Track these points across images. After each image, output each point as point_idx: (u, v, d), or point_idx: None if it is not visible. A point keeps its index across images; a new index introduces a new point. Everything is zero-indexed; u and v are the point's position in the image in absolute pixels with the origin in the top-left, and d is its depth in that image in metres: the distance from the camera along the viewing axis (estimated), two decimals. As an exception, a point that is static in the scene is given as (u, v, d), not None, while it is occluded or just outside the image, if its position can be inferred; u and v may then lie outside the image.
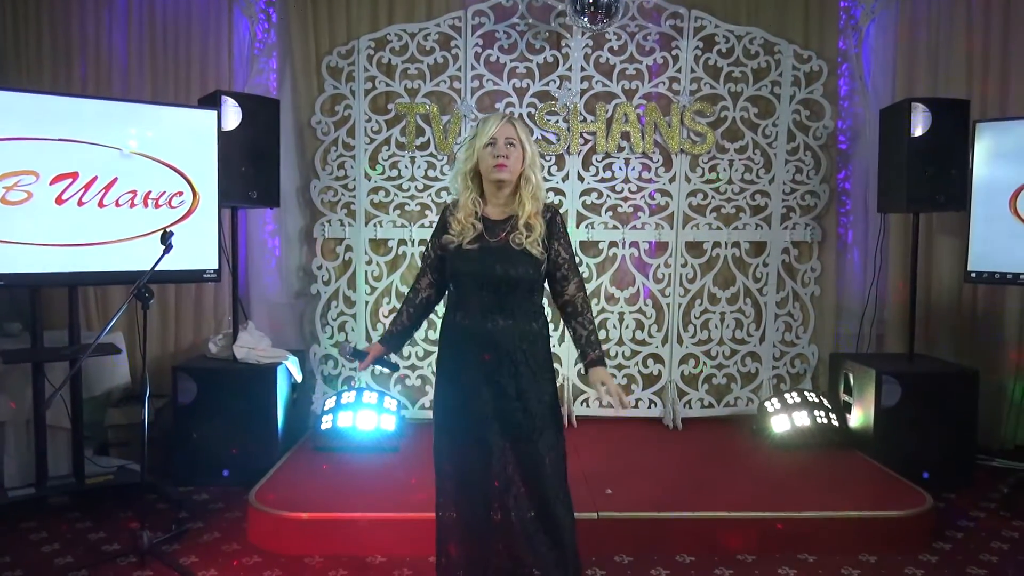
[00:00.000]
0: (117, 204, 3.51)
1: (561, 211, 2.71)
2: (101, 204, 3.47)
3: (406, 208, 4.57)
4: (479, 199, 2.49)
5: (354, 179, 4.55)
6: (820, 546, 3.18)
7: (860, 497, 3.42)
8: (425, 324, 4.46)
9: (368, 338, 4.61)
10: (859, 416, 4.20)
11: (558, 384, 4.44)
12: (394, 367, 2.72)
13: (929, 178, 3.98)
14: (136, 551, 3.04)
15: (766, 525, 3.22)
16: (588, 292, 2.71)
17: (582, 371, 2.65)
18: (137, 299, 2.99)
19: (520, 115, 4.44)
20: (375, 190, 4.56)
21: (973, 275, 4.02)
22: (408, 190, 4.55)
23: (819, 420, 4.20)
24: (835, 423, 4.24)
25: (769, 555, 3.14)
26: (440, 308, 2.63)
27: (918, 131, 3.98)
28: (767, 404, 4.37)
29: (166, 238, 3.06)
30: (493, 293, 2.43)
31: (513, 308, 2.45)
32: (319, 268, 4.61)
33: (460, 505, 2.53)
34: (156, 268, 3.03)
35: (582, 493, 3.27)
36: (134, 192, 3.54)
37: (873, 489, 3.54)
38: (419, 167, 4.53)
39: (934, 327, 4.61)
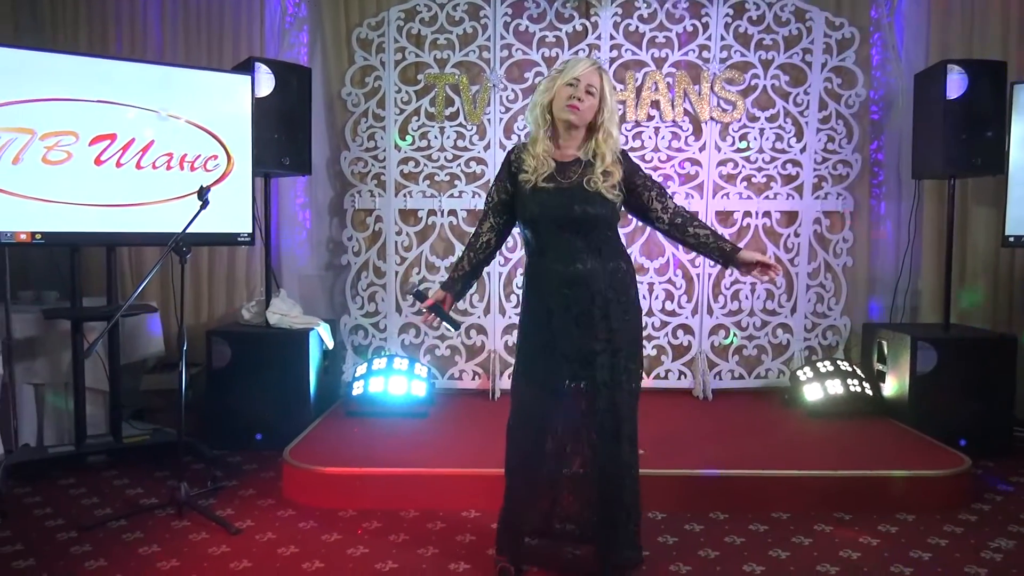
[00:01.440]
0: (154, 166, 3.56)
1: None
2: (139, 166, 3.52)
3: (436, 178, 4.58)
4: (553, 135, 2.49)
5: (384, 150, 4.57)
6: (856, 505, 3.15)
7: (896, 459, 3.38)
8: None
9: (398, 308, 4.63)
10: (893, 384, 4.15)
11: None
12: (455, 324, 2.63)
13: (965, 141, 3.92)
14: (174, 503, 3.08)
15: (800, 483, 3.19)
16: None
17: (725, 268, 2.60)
18: (175, 253, 3.03)
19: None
20: (405, 161, 4.58)
21: (1011, 239, 3.96)
22: (438, 160, 4.57)
23: (852, 388, 4.16)
24: (868, 392, 4.19)
25: (804, 513, 3.11)
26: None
27: (954, 93, 3.92)
28: (799, 373, 4.33)
29: (203, 193, 3.10)
30: (575, 233, 2.44)
31: (599, 247, 2.46)
32: (349, 239, 4.64)
33: (534, 452, 2.52)
34: (193, 229, 3.07)
35: (614, 452, 3.26)
36: (170, 155, 3.59)
37: (909, 452, 3.50)
38: (448, 137, 4.55)
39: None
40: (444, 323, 2.61)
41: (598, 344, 2.44)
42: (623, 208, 2.54)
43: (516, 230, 2.63)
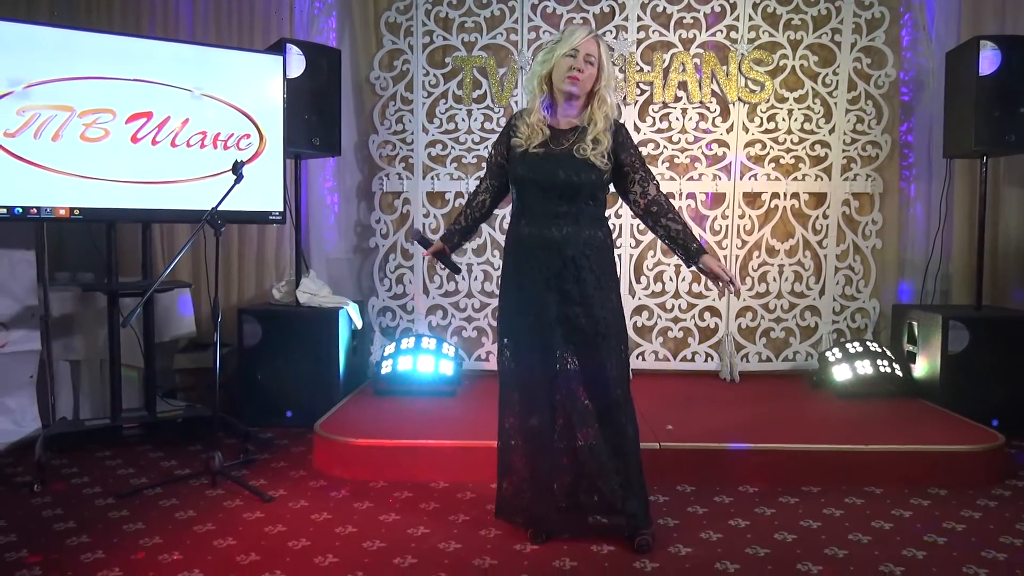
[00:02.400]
0: (188, 144, 3.62)
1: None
2: (173, 144, 3.58)
3: (463, 161, 4.61)
4: (551, 104, 2.54)
5: (412, 133, 4.61)
6: (888, 479, 3.13)
7: (928, 436, 3.36)
8: (481, 276, 4.57)
9: (425, 290, 4.66)
10: (924, 365, 4.11)
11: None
12: (456, 269, 2.84)
13: (998, 118, 3.87)
14: (208, 472, 3.13)
15: (832, 458, 3.17)
16: (643, 246, 2.72)
17: (689, 267, 2.64)
18: (209, 225, 3.08)
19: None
20: (432, 143, 4.61)
21: (1045, 217, 3.90)
22: (465, 143, 4.60)
23: (882, 369, 4.12)
24: (899, 373, 4.15)
25: (835, 487, 3.10)
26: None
27: (986, 70, 3.88)
28: (828, 354, 4.31)
29: (237, 168, 3.14)
30: (557, 199, 2.48)
31: (577, 214, 2.50)
32: (377, 222, 4.68)
33: (524, 416, 2.57)
34: (226, 207, 3.11)
35: (643, 428, 3.24)
36: (204, 133, 3.65)
37: (941, 430, 3.47)
38: (476, 120, 4.58)
39: (1002, 278, 4.48)
40: (447, 267, 2.78)
41: (571, 308, 2.48)
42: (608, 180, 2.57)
43: None
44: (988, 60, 3.88)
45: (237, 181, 3.15)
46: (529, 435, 2.58)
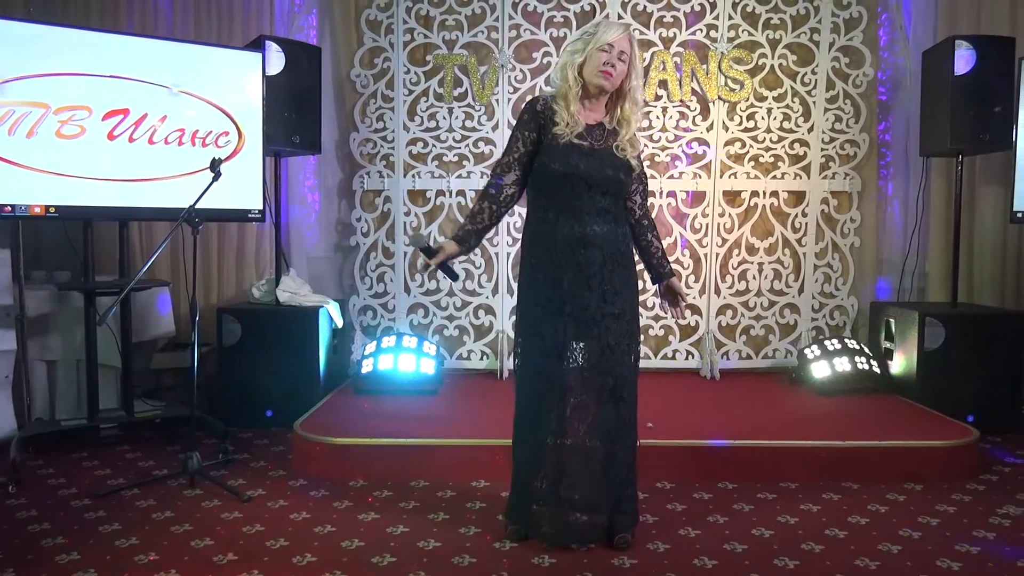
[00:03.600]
0: (166, 141, 3.59)
1: None
2: (151, 141, 3.55)
3: (444, 159, 4.60)
4: (584, 94, 2.49)
5: (393, 131, 4.59)
6: (865, 475, 3.16)
7: (904, 432, 3.40)
8: (463, 274, 4.56)
9: (406, 288, 4.65)
10: (901, 361, 4.15)
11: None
12: (455, 276, 2.65)
13: (973, 117, 3.93)
14: (185, 473, 3.10)
15: (809, 453, 3.20)
16: None
17: (655, 284, 2.75)
18: (187, 224, 3.05)
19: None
20: (413, 142, 4.60)
21: (1020, 215, 3.95)
22: (446, 141, 4.59)
23: (860, 366, 4.16)
24: (876, 369, 4.19)
25: (812, 483, 3.12)
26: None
27: (962, 70, 3.93)
28: (807, 351, 4.34)
29: (215, 165, 3.12)
30: (601, 195, 2.47)
31: (614, 212, 2.51)
32: (358, 220, 4.66)
33: (541, 418, 2.51)
34: (204, 204, 3.08)
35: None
36: (182, 130, 3.62)
37: (917, 425, 3.51)
38: (457, 118, 4.57)
39: (978, 275, 4.54)
40: (445, 275, 2.59)
41: (605, 307, 2.46)
42: None
43: None
44: (963, 60, 3.93)
45: (215, 179, 3.12)
46: (540, 431, 2.51)
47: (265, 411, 3.99)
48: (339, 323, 4.33)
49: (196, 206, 3.05)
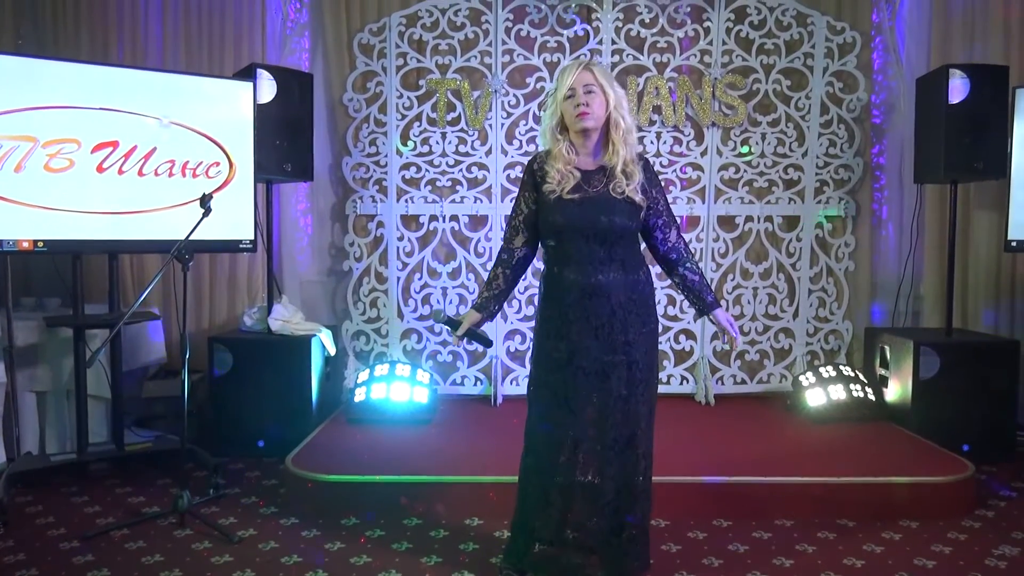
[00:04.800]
0: (156, 173, 3.55)
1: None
2: (140, 173, 3.51)
3: (437, 184, 4.58)
4: (572, 147, 2.46)
5: (386, 155, 4.57)
6: (860, 512, 3.14)
7: (900, 465, 3.38)
8: (456, 299, 4.55)
9: (400, 313, 4.63)
10: (896, 389, 4.14)
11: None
12: (488, 343, 2.63)
13: (967, 146, 3.91)
14: (176, 511, 3.07)
15: (804, 490, 3.18)
16: None
17: (700, 318, 2.68)
18: (177, 260, 3.03)
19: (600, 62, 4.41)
20: (406, 166, 4.58)
21: (1014, 243, 3.95)
22: (439, 166, 4.56)
23: (855, 394, 4.15)
24: (871, 396, 4.18)
25: (807, 520, 3.11)
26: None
27: (956, 98, 3.92)
28: (802, 378, 4.33)
29: (205, 201, 3.09)
30: (600, 244, 2.41)
31: (622, 259, 2.44)
32: (351, 245, 4.64)
33: (548, 461, 2.48)
34: (195, 236, 3.06)
35: (617, 459, 3.26)
36: (172, 161, 3.59)
37: (913, 458, 3.50)
38: (450, 143, 4.55)
39: (972, 301, 4.54)
40: (477, 343, 2.59)
41: (615, 356, 2.42)
42: None
43: None
44: (957, 88, 3.92)
45: (205, 215, 3.09)
46: (547, 471, 2.48)
47: (257, 441, 3.97)
48: (331, 351, 4.30)
49: (186, 240, 3.01)
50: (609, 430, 2.43)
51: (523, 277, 2.66)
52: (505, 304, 2.76)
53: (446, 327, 2.51)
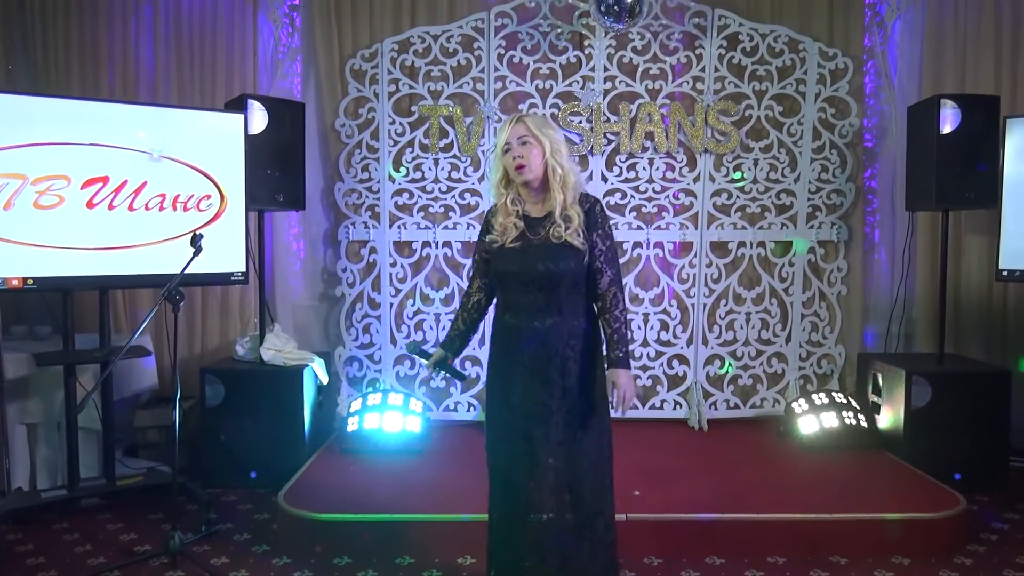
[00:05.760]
0: (147, 208, 3.54)
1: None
2: (131, 207, 3.50)
3: (430, 210, 4.57)
4: (519, 198, 2.52)
5: (378, 181, 4.56)
6: (852, 549, 3.15)
7: (892, 499, 3.38)
8: (449, 326, 4.53)
9: (392, 339, 4.62)
10: (889, 417, 4.15)
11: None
12: (462, 377, 2.81)
13: (958, 175, 3.93)
14: (168, 552, 3.06)
15: (796, 527, 3.18)
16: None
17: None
18: (168, 301, 3.01)
19: (536, 112, 4.42)
20: (399, 192, 4.57)
21: (1004, 273, 3.96)
22: (432, 192, 4.56)
23: (848, 421, 4.16)
24: (864, 424, 4.19)
25: (800, 558, 3.11)
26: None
27: (947, 128, 3.93)
28: (794, 405, 4.33)
29: (195, 241, 3.09)
30: (539, 291, 2.43)
31: (560, 305, 2.45)
32: (344, 270, 4.63)
33: (505, 502, 2.51)
34: (185, 271, 3.06)
35: (610, 494, 3.26)
36: (163, 196, 3.57)
37: (905, 491, 3.50)
38: (443, 169, 4.54)
39: (964, 326, 4.55)
40: (452, 377, 2.73)
41: (553, 402, 2.43)
42: None
43: None
44: (949, 118, 3.93)
45: (196, 254, 3.08)
46: (508, 521, 2.50)
47: (249, 472, 3.95)
48: (324, 380, 4.29)
49: (175, 284, 3.00)
50: (552, 475, 2.41)
51: (483, 318, 2.71)
52: (470, 344, 2.84)
53: (419, 357, 2.69)
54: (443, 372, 2.72)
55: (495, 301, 2.62)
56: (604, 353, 2.55)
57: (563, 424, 2.43)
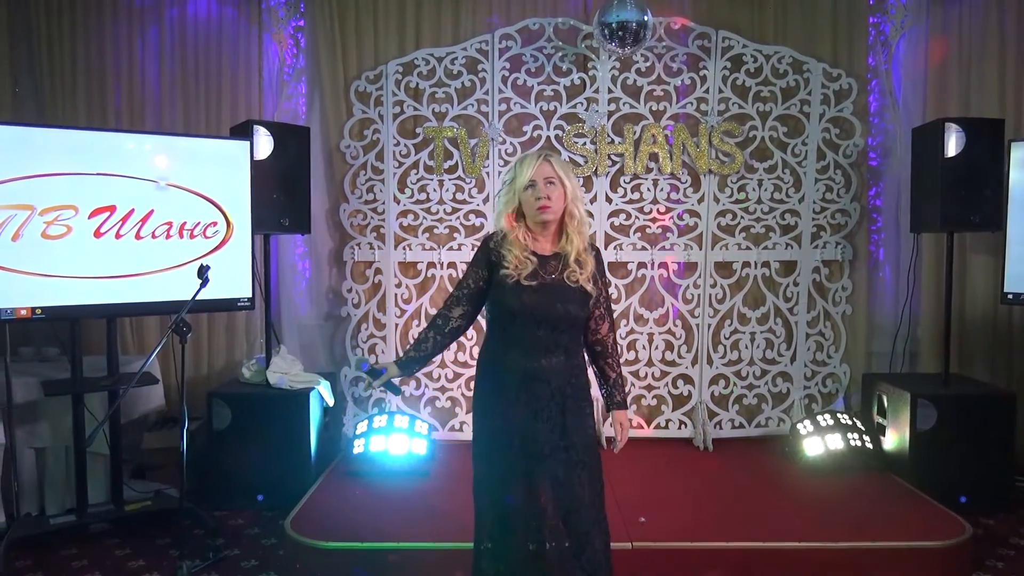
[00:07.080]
0: (153, 236, 3.56)
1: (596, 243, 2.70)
2: (138, 236, 3.52)
3: (435, 231, 4.59)
4: (528, 232, 2.48)
5: (383, 202, 4.58)
6: (858, 576, 3.15)
7: (897, 525, 3.38)
8: (455, 346, 4.55)
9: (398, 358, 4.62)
10: (894, 439, 4.15)
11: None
12: (397, 391, 2.66)
13: (963, 198, 3.93)
14: (175, 582, 3.08)
15: (802, 555, 3.18)
16: (616, 314, 2.69)
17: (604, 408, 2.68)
18: (175, 333, 3.03)
19: (552, 149, 4.40)
20: (404, 213, 4.59)
21: (1010, 296, 3.96)
22: (437, 213, 4.57)
23: (853, 443, 4.16)
24: (869, 446, 4.19)
25: (805, 586, 3.12)
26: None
27: (951, 151, 3.93)
28: (799, 426, 4.33)
29: (202, 272, 3.10)
30: (550, 331, 2.43)
31: (566, 345, 2.46)
32: (349, 291, 4.65)
33: (498, 540, 2.51)
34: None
35: (616, 521, 3.24)
36: (170, 223, 3.60)
37: (910, 517, 3.50)
38: (447, 190, 4.56)
39: (969, 347, 4.55)
40: (389, 391, 2.62)
41: (553, 439, 2.43)
42: None
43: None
44: (953, 141, 3.93)
45: (203, 286, 3.10)
46: (501, 559, 2.53)
47: (256, 495, 3.97)
48: (330, 403, 4.31)
49: (182, 316, 3.02)
50: (550, 514, 2.41)
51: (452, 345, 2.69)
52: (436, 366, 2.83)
53: (367, 375, 2.57)
54: (384, 388, 2.57)
55: (487, 336, 2.56)
56: (599, 394, 2.60)
57: (563, 462, 2.43)
